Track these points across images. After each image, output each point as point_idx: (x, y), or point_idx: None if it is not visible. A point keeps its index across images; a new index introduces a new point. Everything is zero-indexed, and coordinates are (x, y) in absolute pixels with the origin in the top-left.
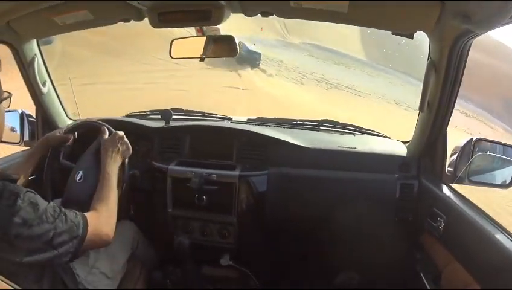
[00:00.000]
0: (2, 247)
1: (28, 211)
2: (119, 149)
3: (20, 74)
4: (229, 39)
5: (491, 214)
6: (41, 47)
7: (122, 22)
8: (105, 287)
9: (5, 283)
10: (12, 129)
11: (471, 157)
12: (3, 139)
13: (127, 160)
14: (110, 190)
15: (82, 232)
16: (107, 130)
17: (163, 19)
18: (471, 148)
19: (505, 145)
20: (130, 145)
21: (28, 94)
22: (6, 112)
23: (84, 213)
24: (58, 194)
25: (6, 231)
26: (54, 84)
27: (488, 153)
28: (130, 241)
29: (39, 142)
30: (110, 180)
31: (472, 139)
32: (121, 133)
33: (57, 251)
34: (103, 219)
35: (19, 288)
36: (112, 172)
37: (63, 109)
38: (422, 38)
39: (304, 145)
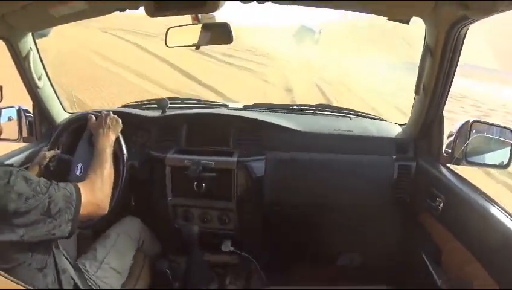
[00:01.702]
0: (2, 229)
1: (22, 185)
2: (109, 126)
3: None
4: (224, 26)
5: None
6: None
7: (118, 12)
8: (116, 282)
9: (7, 279)
10: (9, 119)
11: (468, 138)
12: (1, 137)
13: (121, 136)
14: (102, 162)
15: (76, 198)
16: (93, 116)
17: (159, 7)
18: (467, 129)
19: (501, 127)
20: (119, 120)
21: None
22: (3, 108)
23: (77, 183)
24: None
25: (4, 208)
26: (50, 77)
27: (485, 134)
28: (137, 236)
29: (30, 170)
30: (103, 153)
31: (469, 121)
32: (106, 111)
33: (56, 221)
34: (97, 187)
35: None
36: (104, 146)
37: (60, 102)
38: None
39: (300, 129)
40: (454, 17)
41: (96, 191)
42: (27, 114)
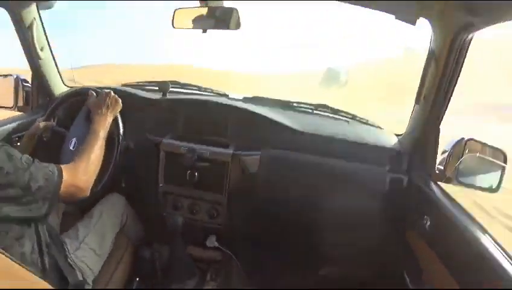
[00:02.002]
0: None
1: (4, 160)
2: (108, 105)
3: None
4: (232, 12)
5: None
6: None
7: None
8: (94, 263)
9: None
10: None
11: (461, 156)
12: None
13: (119, 115)
14: (93, 144)
15: (57, 178)
16: (93, 93)
17: None
18: (462, 147)
19: (495, 148)
20: (119, 100)
21: None
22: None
23: (61, 165)
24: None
25: None
26: (52, 50)
27: (478, 154)
28: (119, 215)
29: (24, 139)
30: (95, 134)
31: (463, 139)
32: (107, 90)
33: (33, 198)
34: (81, 169)
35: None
36: (98, 127)
37: (60, 75)
38: None
39: (297, 128)
40: (461, 23)
41: (80, 174)
42: (25, 84)
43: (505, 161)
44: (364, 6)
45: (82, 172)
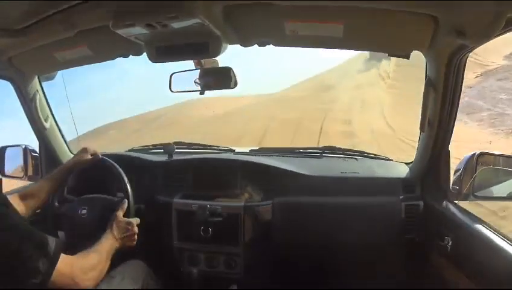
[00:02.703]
0: None
1: None
2: (124, 237)
3: None
4: (227, 71)
5: None
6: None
7: (122, 58)
8: None
9: None
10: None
11: (475, 172)
12: (7, 174)
13: (126, 180)
14: (96, 254)
15: (54, 252)
16: (125, 204)
17: (161, 53)
18: (474, 163)
19: (508, 156)
20: (136, 237)
21: None
22: (10, 146)
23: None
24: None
25: None
26: (56, 119)
27: (491, 166)
28: (140, 280)
29: (63, 166)
30: (100, 248)
31: (474, 154)
32: (135, 221)
33: (24, 266)
34: (78, 264)
35: None
36: (105, 245)
37: (66, 143)
38: None
39: (306, 173)
40: (453, 47)
41: (76, 268)
42: (33, 153)
43: None
44: (358, 49)
45: (79, 267)
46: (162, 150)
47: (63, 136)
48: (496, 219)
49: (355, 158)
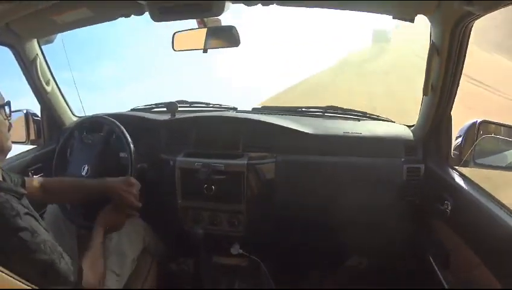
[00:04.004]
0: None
1: (28, 235)
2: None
3: None
4: (230, 29)
5: None
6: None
7: (123, 18)
8: (115, 284)
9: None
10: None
11: (476, 139)
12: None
13: (129, 139)
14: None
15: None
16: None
17: (164, 12)
18: (475, 130)
19: (509, 126)
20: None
21: None
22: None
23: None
24: None
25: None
26: (57, 82)
27: (492, 135)
28: (140, 239)
29: (95, 185)
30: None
31: (476, 121)
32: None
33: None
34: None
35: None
36: (99, 239)
37: (68, 106)
38: None
39: (309, 131)
40: (458, 13)
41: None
42: (35, 117)
43: None
44: (362, 11)
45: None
46: (165, 109)
47: (65, 99)
48: None
49: (357, 119)
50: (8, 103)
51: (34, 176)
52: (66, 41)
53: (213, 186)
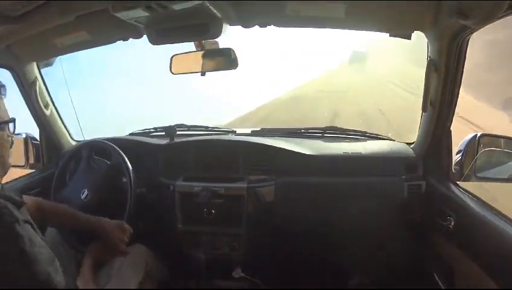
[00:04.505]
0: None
1: (26, 243)
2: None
3: None
4: (228, 52)
5: None
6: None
7: (121, 41)
8: None
9: None
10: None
11: (477, 153)
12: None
13: (129, 164)
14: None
15: None
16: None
17: (162, 35)
18: (475, 144)
19: (510, 138)
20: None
21: None
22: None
23: None
24: None
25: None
26: (56, 106)
27: (493, 148)
28: (142, 264)
29: (97, 224)
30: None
31: (476, 135)
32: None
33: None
34: None
35: None
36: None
37: (67, 130)
38: None
39: (308, 153)
40: (454, 28)
41: None
42: (34, 141)
43: None
44: (360, 29)
45: None
46: (163, 133)
47: (63, 123)
48: None
49: (356, 138)
50: (13, 120)
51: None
52: (67, 65)
53: (213, 211)
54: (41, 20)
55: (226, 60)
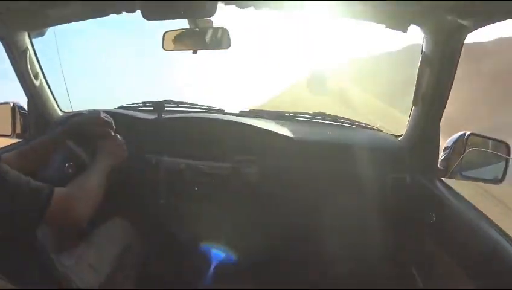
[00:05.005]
0: None
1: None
2: (116, 152)
3: None
4: (222, 31)
5: None
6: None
7: (115, 14)
8: (93, 279)
9: None
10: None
11: (464, 152)
12: None
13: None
14: (95, 176)
15: (46, 196)
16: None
17: (156, 10)
18: (463, 143)
19: (497, 140)
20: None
21: None
22: None
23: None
24: None
25: None
26: (46, 76)
27: (480, 148)
28: (123, 238)
29: (62, 131)
30: (99, 174)
31: (464, 134)
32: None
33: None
34: (76, 195)
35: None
36: (105, 168)
37: (55, 101)
38: None
39: (295, 137)
40: (451, 26)
41: (74, 200)
42: (22, 111)
43: (509, 153)
44: (357, 18)
45: (77, 199)
46: (152, 108)
47: (52, 93)
48: None
49: (345, 126)
50: None
51: None
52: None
53: (196, 188)
54: None
55: (219, 39)
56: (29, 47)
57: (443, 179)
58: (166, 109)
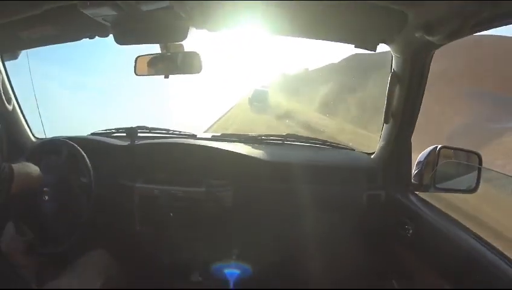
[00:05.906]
0: None
1: None
2: None
3: None
4: (194, 56)
5: None
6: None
7: (88, 39)
8: None
9: None
10: None
11: (437, 165)
12: None
13: (89, 164)
14: None
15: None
16: None
17: (128, 35)
18: (435, 156)
19: (468, 151)
20: None
21: None
22: None
23: None
24: None
25: None
26: (19, 101)
27: (452, 160)
28: (104, 269)
29: None
30: None
31: (436, 147)
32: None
33: None
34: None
35: None
36: None
37: (28, 127)
38: None
39: (268, 160)
40: (419, 43)
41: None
42: None
43: (480, 163)
44: (326, 40)
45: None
46: (125, 134)
47: (25, 119)
48: None
49: (317, 147)
50: None
51: None
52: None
53: (171, 213)
54: (7, 12)
55: (190, 64)
56: (2, 70)
57: (418, 193)
58: (139, 134)
